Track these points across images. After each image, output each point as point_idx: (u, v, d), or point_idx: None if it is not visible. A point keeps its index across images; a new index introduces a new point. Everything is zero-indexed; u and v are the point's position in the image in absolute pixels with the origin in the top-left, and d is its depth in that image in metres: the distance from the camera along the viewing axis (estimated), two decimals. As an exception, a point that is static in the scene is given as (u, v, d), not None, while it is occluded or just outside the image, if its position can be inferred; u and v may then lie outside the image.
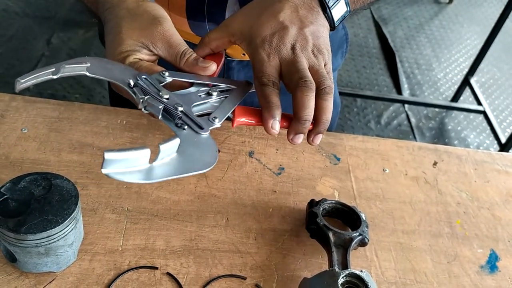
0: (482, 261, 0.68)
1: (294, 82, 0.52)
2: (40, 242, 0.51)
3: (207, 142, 0.49)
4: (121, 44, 0.54)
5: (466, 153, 0.84)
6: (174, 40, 0.55)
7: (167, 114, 0.50)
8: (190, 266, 0.59)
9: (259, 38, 0.53)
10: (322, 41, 0.55)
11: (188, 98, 0.54)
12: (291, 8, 0.55)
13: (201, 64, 0.56)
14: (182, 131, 0.49)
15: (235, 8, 0.72)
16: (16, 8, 2.59)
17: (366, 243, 0.63)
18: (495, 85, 2.75)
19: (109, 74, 0.52)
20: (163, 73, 0.54)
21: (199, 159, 0.47)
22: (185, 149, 0.46)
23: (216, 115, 0.53)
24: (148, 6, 0.56)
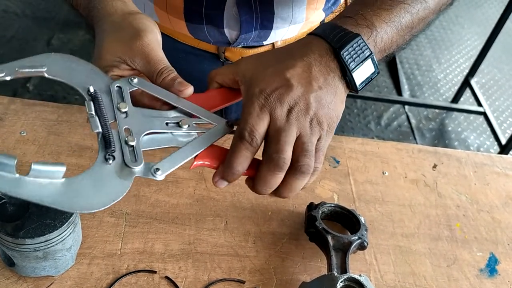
0: (482, 264, 0.68)
1: (268, 151, 0.47)
2: (38, 246, 0.51)
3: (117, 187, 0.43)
4: (101, 59, 0.52)
5: (465, 156, 0.84)
6: (153, 56, 0.51)
7: (104, 140, 0.45)
8: (189, 270, 0.59)
9: (258, 88, 0.48)
10: (325, 112, 0.49)
11: (148, 122, 0.48)
12: (304, 67, 0.49)
13: (177, 86, 0.51)
14: (105, 165, 0.43)
15: (233, 11, 0.71)
16: (16, 9, 2.59)
17: (365, 246, 0.63)
18: (495, 86, 2.75)
19: (70, 78, 0.48)
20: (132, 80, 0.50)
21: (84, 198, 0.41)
22: (79, 181, 0.41)
23: (160, 167, 0.45)
24: (134, 19, 0.53)
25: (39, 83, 2.18)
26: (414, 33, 0.56)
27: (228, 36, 0.74)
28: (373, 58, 0.51)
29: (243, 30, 0.73)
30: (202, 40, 0.76)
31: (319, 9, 0.77)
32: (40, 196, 0.39)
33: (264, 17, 0.73)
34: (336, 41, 0.49)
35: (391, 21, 0.52)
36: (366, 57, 0.50)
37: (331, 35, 0.50)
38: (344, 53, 0.49)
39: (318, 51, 0.50)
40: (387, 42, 0.53)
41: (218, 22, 0.73)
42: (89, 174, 0.42)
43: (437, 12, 0.58)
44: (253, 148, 0.48)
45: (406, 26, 0.54)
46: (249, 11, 0.71)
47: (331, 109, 0.49)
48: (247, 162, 0.48)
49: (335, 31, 0.50)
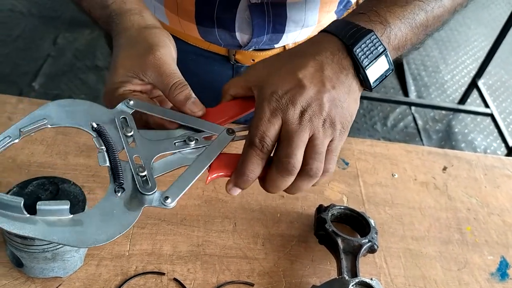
0: (493, 268, 0.67)
1: (278, 155, 0.47)
2: (47, 247, 0.50)
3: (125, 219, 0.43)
4: (115, 75, 0.51)
5: (476, 158, 0.83)
6: (165, 69, 0.50)
7: (113, 172, 0.45)
8: (197, 272, 0.58)
9: (269, 90, 0.47)
10: (339, 112, 0.48)
11: (156, 146, 0.48)
12: (316, 66, 0.47)
13: (190, 106, 0.50)
14: (114, 198, 0.44)
15: (245, 14, 0.71)
16: (22, 8, 2.60)
17: (375, 249, 0.62)
18: (502, 87, 2.73)
19: (72, 120, 0.48)
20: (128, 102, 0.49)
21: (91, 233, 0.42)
22: (88, 217, 0.42)
23: (169, 195, 0.45)
24: (149, 34, 0.53)
25: (45, 82, 2.18)
26: (428, 32, 0.55)
27: (240, 39, 0.74)
28: (387, 55, 0.49)
29: (255, 34, 0.72)
30: (212, 43, 0.76)
31: (331, 12, 0.76)
32: (49, 234, 0.41)
33: (276, 21, 0.72)
34: (349, 37, 0.48)
35: (405, 18, 0.51)
36: (379, 54, 0.49)
37: (343, 32, 0.49)
38: (357, 49, 0.48)
39: (330, 49, 0.48)
40: (401, 40, 0.51)
41: (229, 26, 0.72)
42: (98, 208, 0.43)
43: (452, 12, 0.57)
44: (264, 154, 0.47)
45: (420, 24, 0.53)
46: (262, 15, 0.71)
47: (344, 108, 0.48)
48: (260, 168, 0.48)
49: (347, 27, 0.49)
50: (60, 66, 2.29)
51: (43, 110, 0.48)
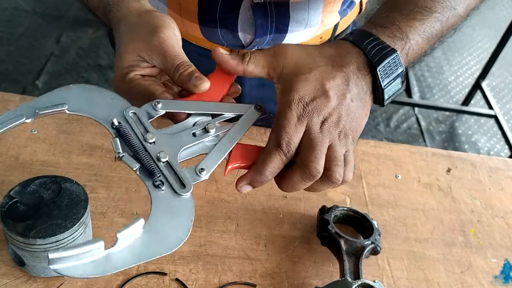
0: (496, 271, 0.67)
1: (304, 160, 0.47)
2: (49, 246, 0.50)
3: (184, 207, 0.42)
4: (121, 61, 0.51)
5: (480, 160, 0.82)
6: (170, 52, 0.50)
7: (145, 171, 0.44)
8: (199, 273, 0.58)
9: (297, 94, 0.48)
10: (353, 126, 0.50)
11: (177, 141, 0.47)
12: (343, 79, 0.49)
13: (193, 81, 0.49)
14: (159, 192, 0.43)
15: (248, 14, 0.70)
16: (26, 6, 2.60)
17: (378, 251, 0.62)
18: (506, 89, 2.72)
19: (92, 111, 0.46)
20: (156, 105, 0.47)
21: (169, 235, 0.40)
22: (155, 221, 0.41)
23: (204, 166, 0.45)
24: (150, 17, 0.52)
25: (48, 80, 2.19)
26: (441, 40, 0.56)
27: (242, 39, 0.74)
28: (402, 76, 0.51)
29: (257, 34, 0.72)
30: (215, 43, 0.75)
31: (334, 12, 0.76)
32: (132, 259, 0.38)
33: (279, 21, 0.72)
34: (374, 55, 0.50)
35: (423, 33, 0.53)
36: (397, 75, 0.50)
37: (369, 47, 0.50)
38: (380, 69, 0.49)
39: (356, 63, 0.50)
40: (416, 53, 0.53)
41: (232, 26, 0.72)
42: (156, 208, 0.42)
43: (464, 18, 0.58)
44: (287, 159, 0.48)
45: (436, 35, 0.54)
46: (264, 15, 0.70)
47: (357, 122, 0.50)
48: (278, 170, 0.49)
49: (373, 43, 0.50)
50: (64, 64, 2.29)
51: (64, 91, 0.46)
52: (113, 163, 0.68)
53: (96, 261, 0.37)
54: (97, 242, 0.37)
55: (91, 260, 0.37)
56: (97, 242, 0.37)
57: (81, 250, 0.36)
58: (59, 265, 0.36)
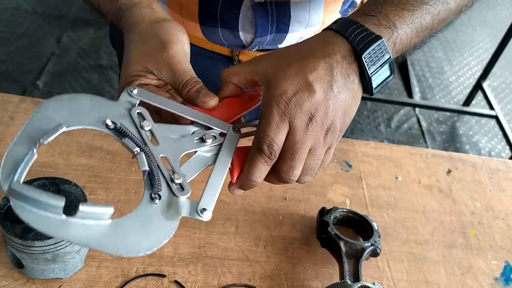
0: (497, 273, 0.66)
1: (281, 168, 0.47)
2: (47, 248, 0.50)
3: (164, 228, 0.41)
4: (129, 69, 0.51)
5: (481, 161, 0.82)
6: (179, 68, 0.50)
7: (151, 178, 0.43)
8: (199, 274, 0.58)
9: (278, 89, 0.46)
10: (342, 118, 0.48)
11: (180, 145, 0.47)
12: (326, 69, 0.47)
13: (201, 98, 0.49)
14: (151, 205, 0.42)
15: (248, 13, 0.70)
16: (26, 6, 2.60)
17: (378, 253, 0.62)
18: (507, 89, 2.72)
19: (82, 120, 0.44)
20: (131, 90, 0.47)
21: (131, 240, 0.39)
22: (126, 223, 0.40)
23: (206, 206, 0.44)
24: (161, 28, 0.52)
25: (49, 80, 2.18)
26: (432, 34, 0.55)
27: (243, 39, 0.73)
28: (391, 63, 0.50)
29: (258, 34, 0.72)
30: (216, 43, 0.75)
31: (335, 12, 0.76)
32: (86, 238, 0.37)
33: (280, 21, 0.72)
34: (358, 42, 0.48)
35: (412, 23, 0.51)
36: (385, 61, 0.49)
37: (353, 35, 0.48)
38: (366, 56, 0.48)
39: (340, 52, 0.48)
40: (405, 44, 0.51)
41: (233, 26, 0.72)
42: (136, 215, 0.41)
43: (457, 13, 0.57)
44: (272, 161, 0.47)
45: (426, 28, 0.52)
46: (265, 15, 0.70)
47: (346, 113, 0.49)
48: (265, 173, 0.48)
49: (357, 30, 0.48)
50: (64, 64, 2.29)
51: (45, 111, 0.43)
52: (112, 165, 0.68)
53: (51, 219, 0.36)
54: (58, 199, 0.36)
55: (47, 215, 0.36)
56: (59, 199, 0.36)
57: (43, 197, 0.36)
58: (17, 201, 0.36)
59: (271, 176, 0.49)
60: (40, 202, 0.36)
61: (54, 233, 0.36)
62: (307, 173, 0.49)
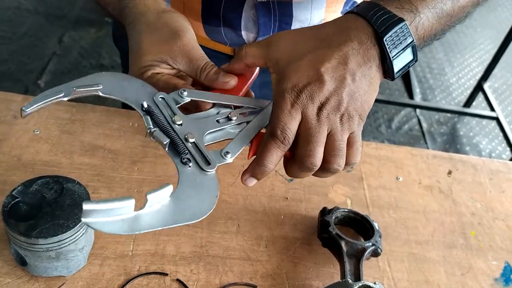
0: (497, 273, 0.67)
1: (299, 152, 0.47)
2: (51, 246, 0.51)
3: (209, 184, 0.45)
4: (141, 60, 0.52)
5: (481, 162, 0.83)
6: (194, 54, 0.52)
7: (174, 148, 0.46)
8: (200, 273, 0.58)
9: (290, 81, 0.46)
10: (358, 105, 0.47)
11: (203, 124, 0.50)
12: (339, 59, 0.47)
13: (221, 79, 0.52)
14: (186, 168, 0.45)
15: (251, 13, 0.71)
16: (28, 6, 2.61)
17: (379, 253, 0.62)
18: (508, 91, 2.72)
19: (124, 94, 0.49)
20: (182, 93, 0.50)
21: (195, 205, 0.42)
22: (182, 193, 0.43)
23: (229, 150, 0.47)
24: (168, 18, 0.54)
25: (50, 80, 2.19)
26: (452, 22, 0.54)
27: (245, 38, 0.74)
28: (413, 46, 0.49)
29: (260, 33, 0.73)
30: (218, 42, 0.76)
31: (337, 12, 0.76)
32: (160, 222, 0.39)
33: (282, 20, 0.72)
34: (380, 24, 0.47)
35: (434, 8, 0.50)
36: (407, 44, 0.48)
37: (374, 17, 0.47)
38: (387, 39, 0.47)
39: (357, 39, 0.47)
40: (427, 30, 0.51)
41: (235, 25, 0.72)
42: (183, 183, 0.43)
43: (476, 4, 0.56)
44: (285, 146, 0.47)
45: (447, 14, 0.52)
46: (268, 14, 0.71)
47: (363, 101, 0.48)
48: (279, 159, 0.48)
49: (379, 13, 0.48)
50: (66, 64, 2.29)
51: (97, 76, 0.48)
52: (115, 164, 0.68)
53: (125, 220, 0.38)
54: (128, 199, 0.37)
55: (120, 218, 0.38)
56: (129, 199, 0.38)
57: (112, 205, 0.37)
58: (91, 218, 0.37)
59: (294, 166, 0.48)
60: (113, 210, 0.37)
61: (133, 231, 0.38)
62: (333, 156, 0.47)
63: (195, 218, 0.42)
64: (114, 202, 0.37)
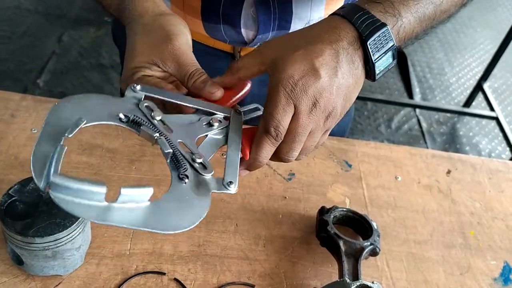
0: (496, 273, 0.66)
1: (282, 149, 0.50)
2: (47, 245, 0.50)
3: (199, 204, 0.43)
4: (133, 61, 0.52)
5: (480, 162, 0.82)
6: (184, 60, 0.52)
7: (175, 160, 0.45)
8: (198, 272, 0.58)
9: (285, 73, 0.47)
10: (343, 104, 0.49)
11: (192, 130, 0.49)
12: (332, 55, 0.48)
13: (208, 89, 0.51)
14: (181, 185, 0.44)
15: (250, 10, 0.71)
16: (28, 5, 2.60)
17: (377, 252, 0.62)
18: (508, 91, 2.72)
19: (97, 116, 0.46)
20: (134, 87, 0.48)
21: (172, 219, 0.41)
22: (165, 202, 0.42)
23: (231, 179, 0.47)
24: (164, 21, 0.54)
25: (50, 79, 2.19)
26: (434, 24, 0.55)
27: (245, 36, 0.74)
28: (394, 50, 0.50)
29: (260, 31, 0.72)
30: (218, 39, 0.76)
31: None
32: (130, 221, 0.38)
33: (282, 18, 0.72)
34: (364, 28, 0.49)
35: (416, 12, 0.52)
36: (388, 49, 0.50)
37: (359, 21, 0.49)
38: (371, 43, 0.48)
39: (346, 39, 0.49)
40: (408, 33, 0.52)
41: (235, 22, 0.72)
42: (170, 195, 0.43)
43: (459, 5, 0.57)
44: (278, 142, 0.49)
45: (428, 17, 0.53)
46: (267, 12, 0.71)
47: (348, 99, 0.50)
48: (271, 153, 0.50)
49: (363, 17, 0.49)
50: (65, 63, 2.29)
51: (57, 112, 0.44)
52: (113, 162, 0.68)
53: (94, 206, 0.37)
54: (100, 185, 0.37)
55: (89, 203, 0.37)
56: (101, 185, 0.37)
57: (83, 186, 0.36)
58: (59, 194, 0.36)
59: (273, 157, 0.51)
60: (82, 191, 0.36)
61: (99, 220, 0.37)
62: (303, 153, 0.51)
63: (166, 230, 0.40)
64: (84, 184, 0.36)
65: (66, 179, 0.36)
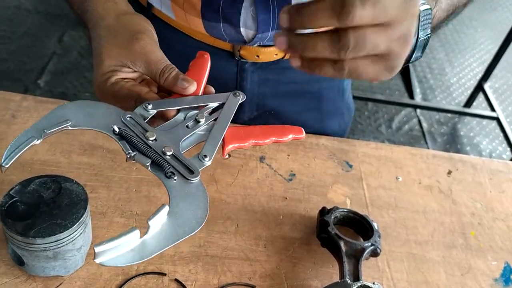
0: (497, 274, 0.66)
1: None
2: (48, 246, 0.50)
3: (198, 191, 0.46)
4: (102, 66, 0.52)
5: (481, 162, 0.82)
6: (153, 58, 0.52)
7: (156, 165, 0.47)
8: (199, 273, 0.58)
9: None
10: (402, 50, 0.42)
11: (175, 134, 0.50)
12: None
13: (180, 84, 0.51)
14: (172, 181, 0.46)
15: (250, 9, 0.71)
16: (28, 5, 2.60)
17: (378, 253, 0.62)
18: (509, 91, 2.71)
19: (92, 123, 0.48)
20: (146, 106, 0.50)
21: (191, 216, 0.44)
22: (176, 207, 0.44)
23: (206, 153, 0.49)
24: (128, 20, 0.53)
25: (50, 79, 2.19)
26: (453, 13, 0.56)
27: (245, 35, 0.74)
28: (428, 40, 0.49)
29: (259, 30, 0.72)
30: (217, 38, 0.76)
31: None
32: (164, 242, 0.41)
33: None
34: None
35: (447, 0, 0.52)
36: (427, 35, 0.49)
37: None
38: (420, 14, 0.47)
39: None
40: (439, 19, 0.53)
41: (235, 21, 0.72)
42: (175, 197, 0.45)
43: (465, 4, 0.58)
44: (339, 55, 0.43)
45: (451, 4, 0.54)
46: (267, 11, 0.71)
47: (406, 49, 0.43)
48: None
49: None
50: (65, 64, 2.29)
51: (62, 109, 0.48)
52: (113, 163, 0.68)
53: (134, 249, 0.40)
54: (132, 231, 0.39)
55: (129, 249, 0.39)
56: (133, 231, 0.39)
57: (120, 241, 0.39)
58: (103, 258, 0.39)
59: None
60: (121, 245, 0.39)
61: (142, 258, 0.40)
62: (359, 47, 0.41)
63: (195, 229, 0.43)
64: (121, 238, 0.39)
65: (107, 244, 0.38)
